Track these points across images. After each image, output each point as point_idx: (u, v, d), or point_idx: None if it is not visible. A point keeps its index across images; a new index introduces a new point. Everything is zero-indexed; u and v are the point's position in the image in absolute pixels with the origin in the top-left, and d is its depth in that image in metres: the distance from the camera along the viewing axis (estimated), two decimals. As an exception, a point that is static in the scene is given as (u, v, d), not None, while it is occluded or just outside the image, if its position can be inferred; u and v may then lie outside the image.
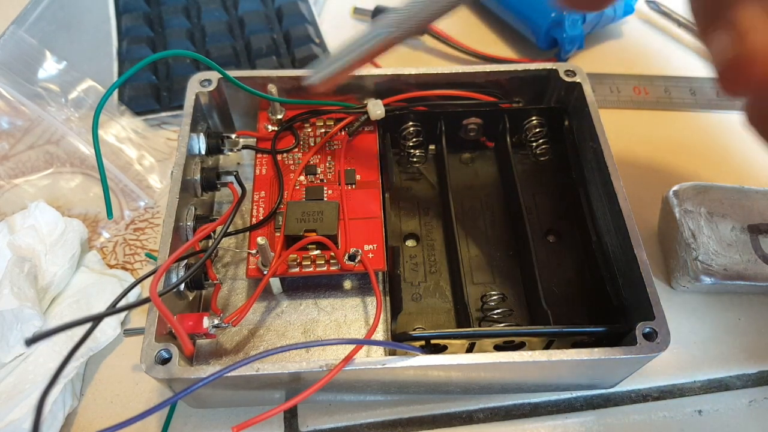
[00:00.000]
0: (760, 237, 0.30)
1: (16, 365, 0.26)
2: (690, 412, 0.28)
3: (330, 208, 0.28)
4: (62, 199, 0.34)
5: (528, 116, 0.33)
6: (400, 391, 0.27)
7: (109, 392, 0.28)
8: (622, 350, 0.23)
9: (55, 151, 0.36)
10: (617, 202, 0.27)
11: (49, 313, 0.28)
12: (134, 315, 0.30)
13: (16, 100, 0.35)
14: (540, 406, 0.28)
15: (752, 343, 0.30)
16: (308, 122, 0.33)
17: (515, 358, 0.23)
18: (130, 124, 0.36)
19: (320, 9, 0.46)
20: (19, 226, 0.30)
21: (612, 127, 0.30)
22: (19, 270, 0.27)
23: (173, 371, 0.22)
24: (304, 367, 0.23)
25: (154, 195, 0.35)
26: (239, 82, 0.30)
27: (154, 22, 0.42)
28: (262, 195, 0.30)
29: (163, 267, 0.23)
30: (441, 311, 0.29)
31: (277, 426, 0.27)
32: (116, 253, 0.33)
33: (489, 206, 0.33)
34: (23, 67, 0.36)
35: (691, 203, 0.31)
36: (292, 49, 0.41)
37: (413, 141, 0.33)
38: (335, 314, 0.29)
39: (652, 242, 0.33)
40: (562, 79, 0.32)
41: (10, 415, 0.25)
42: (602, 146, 0.29)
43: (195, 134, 0.30)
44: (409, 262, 0.30)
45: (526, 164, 0.34)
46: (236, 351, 0.28)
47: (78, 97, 0.36)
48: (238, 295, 0.30)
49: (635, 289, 0.26)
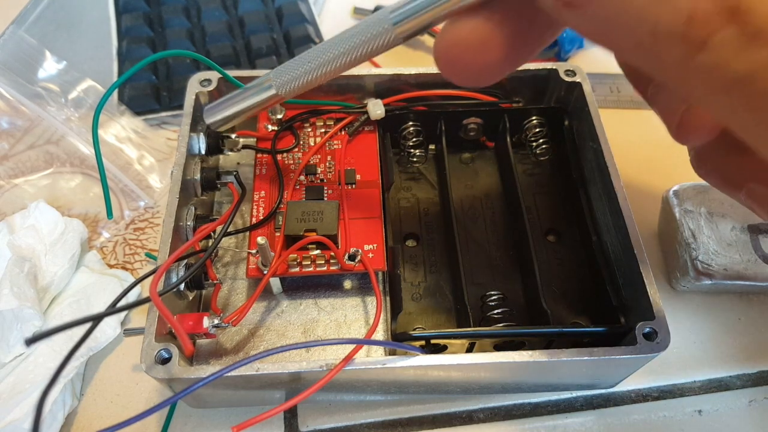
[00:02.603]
0: (760, 237, 0.30)
1: (16, 365, 0.26)
2: (690, 412, 0.28)
3: (330, 208, 0.28)
4: (62, 199, 0.34)
5: (528, 116, 0.33)
6: (400, 391, 0.27)
7: (109, 392, 0.28)
8: (622, 350, 0.23)
9: (55, 151, 0.36)
10: (617, 202, 0.27)
11: (49, 313, 0.28)
12: (134, 315, 0.30)
13: (16, 100, 0.35)
14: (540, 406, 0.28)
15: (752, 343, 0.30)
16: (308, 122, 0.33)
17: (515, 358, 0.23)
18: (130, 124, 0.36)
19: (320, 9, 0.46)
20: (19, 226, 0.30)
21: (612, 127, 0.30)
22: (19, 270, 0.27)
23: (173, 371, 0.22)
24: (304, 367, 0.23)
25: (154, 195, 0.35)
26: (239, 82, 0.30)
27: (154, 22, 0.42)
28: (262, 195, 0.30)
29: (163, 267, 0.23)
30: (441, 311, 0.29)
31: (277, 426, 0.27)
32: (116, 253, 0.33)
33: (489, 206, 0.33)
34: (23, 67, 0.36)
35: (691, 203, 0.31)
36: (292, 49, 0.41)
37: (413, 141, 0.33)
38: (335, 314, 0.29)
39: (652, 242, 0.33)
40: (562, 78, 0.32)
41: (10, 415, 0.25)
42: (602, 146, 0.29)
43: (195, 134, 0.30)
44: (409, 262, 0.30)
45: (526, 164, 0.34)
46: (236, 351, 0.28)
47: (78, 97, 0.36)
48: (238, 295, 0.30)
49: (635, 289, 0.26)
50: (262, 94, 0.25)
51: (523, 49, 0.17)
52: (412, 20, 0.20)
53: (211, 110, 0.27)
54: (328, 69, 0.23)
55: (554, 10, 0.14)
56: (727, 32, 0.11)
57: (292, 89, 0.24)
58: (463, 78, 0.18)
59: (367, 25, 0.21)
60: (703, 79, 0.12)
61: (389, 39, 0.20)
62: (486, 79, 0.18)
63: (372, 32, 0.21)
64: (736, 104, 0.12)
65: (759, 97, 0.12)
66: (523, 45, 0.17)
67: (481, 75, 0.18)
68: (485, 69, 0.18)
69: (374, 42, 0.21)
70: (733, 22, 0.11)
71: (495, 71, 0.18)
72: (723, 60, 0.12)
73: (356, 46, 0.21)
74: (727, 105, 0.13)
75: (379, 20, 0.20)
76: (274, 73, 0.24)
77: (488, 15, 0.17)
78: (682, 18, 0.12)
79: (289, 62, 0.24)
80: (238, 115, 0.26)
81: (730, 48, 0.11)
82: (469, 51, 0.17)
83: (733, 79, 0.12)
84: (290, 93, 0.24)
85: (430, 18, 0.19)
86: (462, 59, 0.17)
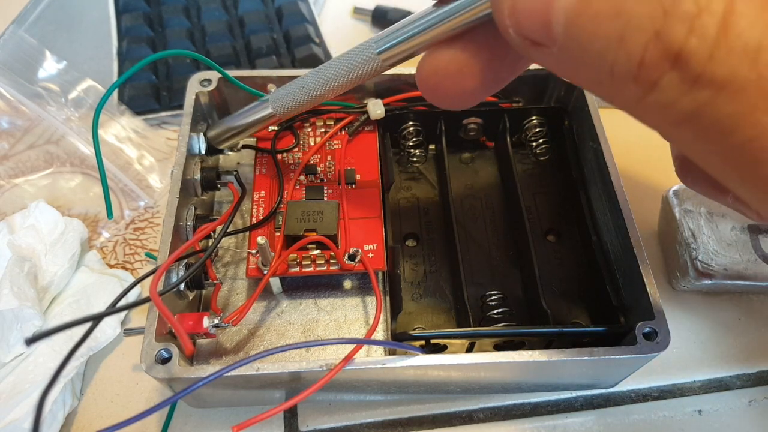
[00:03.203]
0: (760, 237, 0.30)
1: (16, 365, 0.26)
2: (690, 412, 0.28)
3: (330, 208, 0.28)
4: (62, 199, 0.34)
5: (528, 116, 0.33)
6: (400, 390, 0.27)
7: (109, 392, 0.28)
8: (622, 350, 0.23)
9: (55, 151, 0.36)
10: (617, 202, 0.27)
11: (49, 313, 0.28)
12: (134, 315, 0.30)
13: (16, 99, 0.35)
14: (540, 406, 0.28)
15: (752, 343, 0.30)
16: (308, 122, 0.33)
17: (515, 358, 0.23)
18: (130, 123, 0.36)
19: (320, 9, 0.46)
20: (19, 226, 0.30)
21: (612, 127, 0.30)
22: (19, 270, 0.27)
23: (173, 371, 0.22)
24: (304, 367, 0.23)
25: (154, 195, 0.35)
26: (239, 82, 0.30)
27: (154, 22, 0.42)
28: (262, 195, 0.30)
29: (163, 267, 0.23)
30: (441, 311, 0.29)
31: (277, 426, 0.27)
32: (116, 252, 0.33)
33: (489, 206, 0.33)
34: (23, 67, 0.36)
35: (691, 203, 0.31)
36: (292, 49, 0.41)
37: (413, 141, 0.33)
38: (335, 314, 0.29)
39: (652, 242, 0.33)
40: (562, 78, 0.32)
41: (10, 415, 0.25)
42: (602, 146, 0.29)
43: (195, 134, 0.30)
44: (409, 262, 0.30)
45: (526, 164, 0.34)
46: (236, 351, 0.28)
47: (78, 96, 0.36)
48: (238, 294, 0.30)
49: (635, 289, 0.26)
50: (260, 113, 0.28)
51: (497, 77, 0.19)
52: (395, 50, 0.21)
53: (213, 126, 0.30)
54: (320, 92, 0.25)
55: (522, 49, 0.15)
56: (672, 76, 0.12)
57: (287, 110, 0.26)
58: (443, 102, 0.20)
59: (354, 53, 0.23)
60: (656, 115, 0.14)
61: (375, 66, 0.22)
62: (464, 104, 0.20)
63: (359, 60, 0.23)
64: (689, 137, 0.14)
65: (706, 131, 0.13)
66: (497, 73, 0.19)
67: (459, 100, 0.19)
68: (462, 94, 0.19)
69: (361, 69, 0.23)
70: (676, 68, 0.12)
71: (472, 97, 0.19)
72: (671, 99, 0.13)
73: (344, 72, 0.23)
74: (681, 137, 0.14)
75: (365, 49, 0.22)
76: (272, 96, 0.27)
77: (463, 46, 0.18)
78: (635, 62, 0.13)
79: (285, 86, 0.26)
80: (237, 130, 0.29)
81: (676, 89, 0.13)
82: (447, 78, 0.19)
83: (681, 115, 0.13)
84: (286, 114, 0.27)
85: (410, 48, 0.21)
86: (441, 86, 0.19)
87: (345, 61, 0.23)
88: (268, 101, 0.27)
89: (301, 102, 0.26)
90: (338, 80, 0.24)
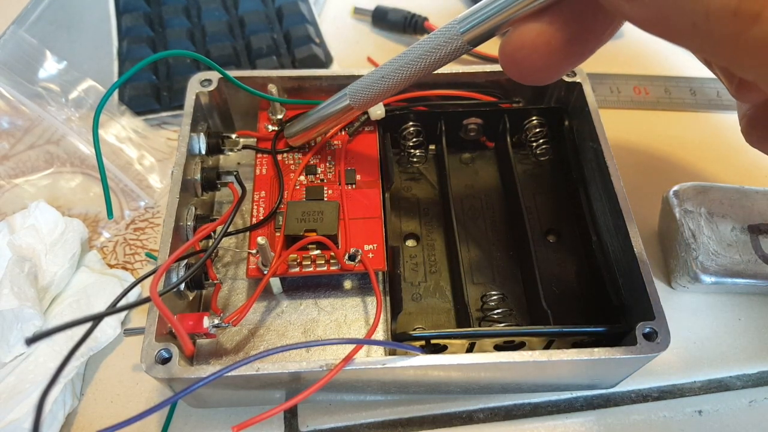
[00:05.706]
0: (760, 237, 0.30)
1: (16, 365, 0.26)
2: (690, 412, 0.28)
3: (330, 208, 0.28)
4: (62, 199, 0.34)
5: (528, 116, 0.33)
6: (400, 391, 0.27)
7: (109, 392, 0.28)
8: (622, 350, 0.23)
9: (55, 151, 0.36)
10: (617, 202, 0.27)
11: (49, 313, 0.28)
12: (134, 315, 0.30)
13: (16, 100, 0.35)
14: (540, 406, 0.28)
15: (752, 343, 0.30)
16: (308, 122, 0.33)
17: (515, 358, 0.23)
18: (130, 123, 0.36)
19: (320, 9, 0.46)
20: (19, 226, 0.30)
21: (612, 127, 0.30)
22: (19, 270, 0.27)
23: (173, 371, 0.22)
24: (304, 367, 0.23)
25: (154, 195, 0.35)
26: (239, 82, 0.30)
27: (154, 22, 0.42)
28: (262, 195, 0.30)
29: (164, 267, 0.23)
30: (441, 311, 0.29)
31: (277, 426, 0.27)
32: (116, 252, 0.33)
33: (489, 206, 0.33)
34: (23, 67, 0.36)
35: (691, 203, 0.31)
36: (292, 49, 0.41)
37: (413, 141, 0.33)
38: (335, 314, 0.29)
39: (652, 242, 0.33)
40: (562, 78, 0.32)
41: (10, 415, 0.25)
42: (602, 146, 0.29)
43: (195, 134, 0.30)
44: (409, 262, 0.30)
45: (526, 164, 0.34)
46: (236, 351, 0.28)
47: (78, 97, 0.36)
48: (238, 295, 0.30)
49: (635, 289, 0.26)
50: (337, 105, 0.28)
51: (584, 48, 0.19)
52: (479, 28, 0.21)
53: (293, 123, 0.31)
54: (400, 78, 0.25)
55: (615, 4, 0.15)
56: None
57: (366, 101, 0.26)
58: (527, 77, 0.20)
59: (436, 35, 0.23)
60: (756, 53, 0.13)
61: (456, 47, 0.22)
62: (548, 78, 0.20)
63: (441, 41, 0.22)
64: None
65: None
66: (584, 44, 0.19)
67: (544, 74, 0.19)
68: (548, 68, 0.19)
69: (443, 50, 0.23)
70: None
71: (558, 70, 0.19)
72: None
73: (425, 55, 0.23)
74: None
75: (448, 30, 0.22)
76: (350, 88, 0.27)
77: (551, 18, 0.18)
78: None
79: (363, 78, 0.26)
80: (314, 125, 0.29)
81: None
82: (534, 53, 0.19)
83: None
84: (364, 105, 0.27)
85: (495, 25, 0.21)
86: (527, 61, 0.19)
87: (426, 43, 0.23)
88: (346, 94, 0.27)
89: (379, 91, 0.25)
90: (419, 64, 0.24)
